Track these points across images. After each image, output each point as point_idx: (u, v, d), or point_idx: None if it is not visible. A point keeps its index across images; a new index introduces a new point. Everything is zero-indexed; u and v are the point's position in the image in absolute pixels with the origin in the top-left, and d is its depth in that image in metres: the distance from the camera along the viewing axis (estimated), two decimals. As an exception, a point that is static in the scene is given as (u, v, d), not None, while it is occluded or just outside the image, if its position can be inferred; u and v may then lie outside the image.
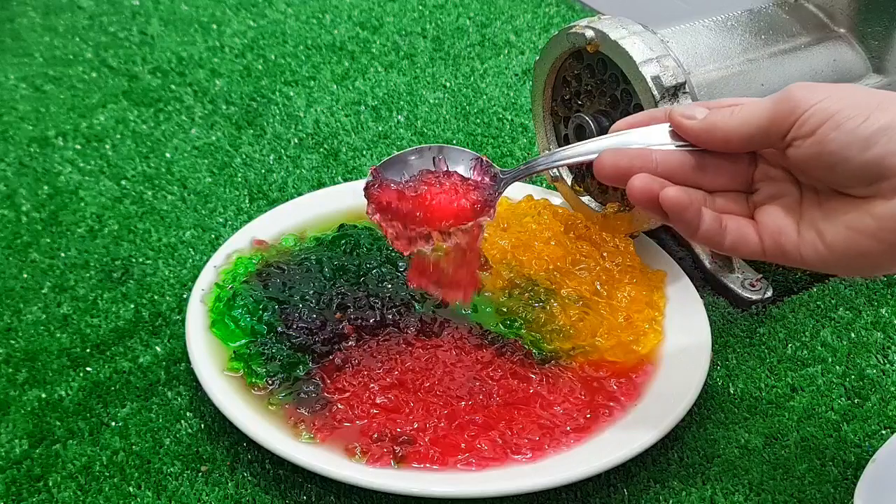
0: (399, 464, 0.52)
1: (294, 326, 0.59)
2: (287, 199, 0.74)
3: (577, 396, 0.57)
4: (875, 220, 0.43)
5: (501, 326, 0.62)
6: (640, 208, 0.47)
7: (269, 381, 0.57)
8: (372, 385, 0.56)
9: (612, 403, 0.57)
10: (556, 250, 0.65)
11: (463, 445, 0.53)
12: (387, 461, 0.52)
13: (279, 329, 0.59)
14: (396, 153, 0.53)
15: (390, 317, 0.61)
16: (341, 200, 0.72)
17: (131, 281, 0.69)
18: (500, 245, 0.66)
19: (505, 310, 0.63)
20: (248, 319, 0.60)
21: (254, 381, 0.57)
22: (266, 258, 0.65)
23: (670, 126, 0.47)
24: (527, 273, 0.64)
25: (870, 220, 0.43)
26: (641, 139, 0.47)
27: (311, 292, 0.62)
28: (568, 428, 0.55)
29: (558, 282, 0.64)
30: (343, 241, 0.66)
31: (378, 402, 0.55)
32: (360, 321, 0.60)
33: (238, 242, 0.67)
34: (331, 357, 0.58)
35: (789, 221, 0.46)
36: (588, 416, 0.56)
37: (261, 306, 0.61)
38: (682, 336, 0.61)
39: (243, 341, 0.59)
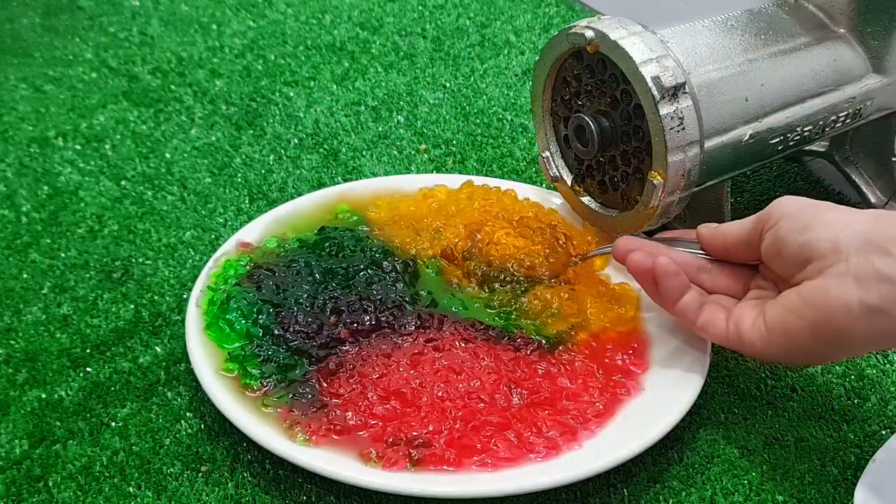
0: (415, 467, 0.52)
1: (291, 330, 0.59)
2: (287, 200, 0.75)
3: (596, 377, 0.58)
4: (800, 297, 0.49)
5: (498, 319, 0.62)
6: (637, 279, 0.57)
7: (264, 383, 0.56)
8: (369, 392, 0.56)
9: (627, 380, 0.58)
10: (516, 240, 0.66)
11: (478, 446, 0.53)
12: (403, 465, 0.52)
13: (276, 332, 0.59)
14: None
15: (384, 319, 0.61)
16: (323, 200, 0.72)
17: (131, 281, 0.69)
18: (456, 239, 0.67)
19: (496, 304, 0.63)
20: (243, 322, 0.60)
21: (248, 382, 0.56)
22: (253, 260, 0.65)
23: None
24: (497, 265, 0.65)
25: (796, 297, 0.49)
26: (672, 242, 0.59)
27: (305, 295, 0.62)
28: (589, 415, 0.55)
29: (532, 267, 0.64)
30: (327, 244, 0.66)
31: (377, 410, 0.55)
32: (355, 325, 0.60)
33: (229, 246, 0.67)
34: (328, 360, 0.58)
35: (752, 314, 0.52)
36: (608, 397, 0.57)
37: (255, 309, 0.60)
38: (682, 336, 0.61)
39: (238, 344, 0.59)
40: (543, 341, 0.60)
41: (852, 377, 0.61)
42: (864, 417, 0.58)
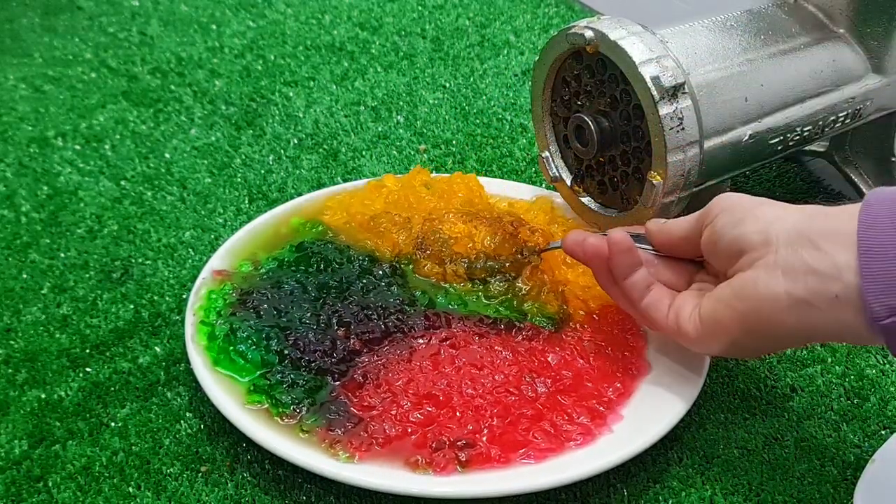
0: (464, 469, 0.52)
1: (307, 350, 0.58)
2: (287, 200, 0.74)
3: (606, 354, 0.59)
4: (731, 288, 0.49)
5: (501, 309, 0.62)
6: (589, 263, 0.57)
7: (296, 409, 0.55)
8: (401, 400, 0.55)
9: (635, 358, 0.59)
10: (460, 227, 0.67)
11: (520, 440, 0.54)
12: (452, 468, 0.52)
13: (292, 355, 0.58)
14: None
15: (391, 324, 0.60)
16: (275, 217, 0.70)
17: (131, 281, 0.69)
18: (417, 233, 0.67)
19: (494, 293, 0.63)
20: (255, 351, 0.58)
21: (281, 410, 0.55)
22: (236, 286, 0.63)
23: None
24: (475, 256, 0.65)
25: (728, 289, 0.49)
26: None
27: (308, 314, 0.61)
28: (611, 395, 0.56)
29: (480, 253, 0.65)
30: (313, 260, 0.65)
31: (413, 416, 0.55)
32: (366, 335, 0.60)
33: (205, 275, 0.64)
34: (351, 374, 0.57)
35: (691, 305, 0.53)
36: (623, 374, 0.58)
37: (263, 335, 0.59)
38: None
39: (257, 373, 0.57)
40: (550, 326, 0.61)
41: (852, 377, 0.61)
42: (864, 417, 0.58)
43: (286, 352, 0.58)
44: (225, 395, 0.55)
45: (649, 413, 0.55)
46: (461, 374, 0.57)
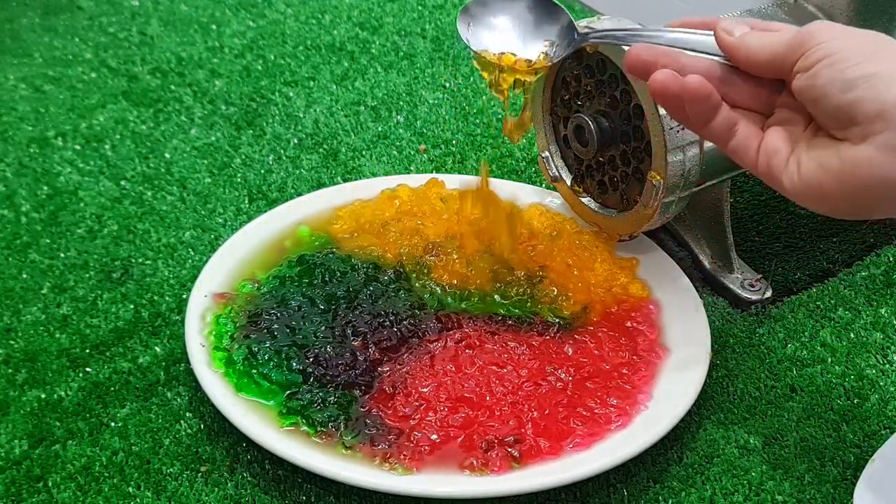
0: (519, 465, 0.52)
1: (330, 366, 0.57)
2: (287, 200, 0.74)
3: (621, 343, 0.60)
4: (840, 161, 0.44)
5: (513, 309, 0.62)
6: (660, 103, 0.49)
7: (333, 426, 0.54)
8: (437, 406, 0.55)
9: (650, 344, 0.60)
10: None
11: (564, 430, 0.54)
12: (507, 466, 0.52)
13: (317, 373, 0.57)
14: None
15: (405, 329, 0.60)
16: (270, 228, 0.70)
17: (131, 281, 0.69)
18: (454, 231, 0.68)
19: (512, 294, 0.63)
20: (279, 372, 0.57)
21: (319, 430, 0.54)
22: (241, 308, 0.62)
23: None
24: (503, 260, 0.65)
25: (836, 160, 0.44)
26: (686, 41, 0.50)
27: (322, 328, 0.60)
28: (635, 379, 0.57)
29: (538, 259, 0.66)
30: (317, 272, 0.64)
31: (453, 420, 0.55)
32: (384, 343, 0.59)
33: (202, 302, 0.62)
34: (377, 385, 0.57)
35: (786, 147, 0.47)
36: (638, 360, 0.59)
37: (283, 356, 0.58)
38: (682, 336, 0.61)
39: (285, 394, 0.56)
40: (561, 321, 0.61)
41: (852, 377, 0.61)
42: (864, 417, 0.58)
43: (309, 370, 0.57)
44: (257, 421, 0.54)
45: (675, 388, 0.56)
46: (486, 373, 0.57)
